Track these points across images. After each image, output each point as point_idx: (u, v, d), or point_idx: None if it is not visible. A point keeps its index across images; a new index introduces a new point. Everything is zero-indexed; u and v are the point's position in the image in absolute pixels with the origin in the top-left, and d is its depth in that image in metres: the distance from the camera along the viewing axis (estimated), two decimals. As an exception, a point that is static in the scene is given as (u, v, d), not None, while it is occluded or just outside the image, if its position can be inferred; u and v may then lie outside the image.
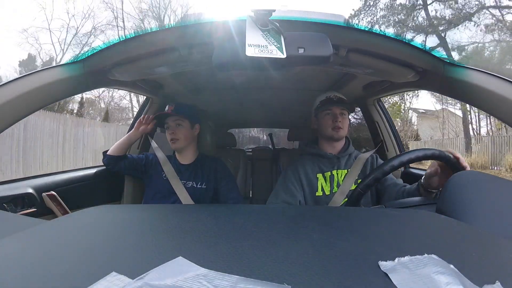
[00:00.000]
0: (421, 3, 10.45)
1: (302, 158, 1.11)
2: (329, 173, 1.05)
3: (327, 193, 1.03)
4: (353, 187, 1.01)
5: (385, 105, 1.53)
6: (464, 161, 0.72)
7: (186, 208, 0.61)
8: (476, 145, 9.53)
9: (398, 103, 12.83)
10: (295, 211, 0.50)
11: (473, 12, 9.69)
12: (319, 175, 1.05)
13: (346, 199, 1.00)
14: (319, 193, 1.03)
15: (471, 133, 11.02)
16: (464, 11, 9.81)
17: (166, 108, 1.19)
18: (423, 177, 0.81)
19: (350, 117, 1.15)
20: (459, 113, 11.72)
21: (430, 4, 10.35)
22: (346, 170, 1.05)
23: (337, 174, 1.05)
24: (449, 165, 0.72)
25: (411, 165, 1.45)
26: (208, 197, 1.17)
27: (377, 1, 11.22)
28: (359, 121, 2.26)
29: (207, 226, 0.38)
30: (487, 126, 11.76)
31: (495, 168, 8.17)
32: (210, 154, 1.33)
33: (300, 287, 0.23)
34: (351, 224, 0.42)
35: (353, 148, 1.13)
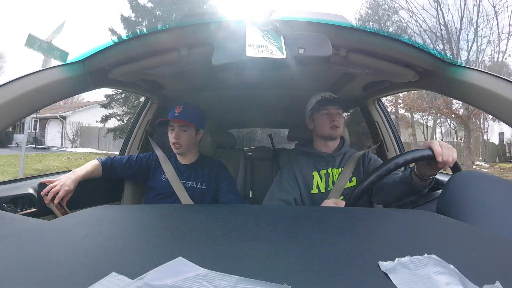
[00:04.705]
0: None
1: (297, 157, 1.14)
2: (324, 171, 1.07)
3: (323, 190, 1.04)
4: (348, 185, 1.03)
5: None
6: (442, 154, 0.66)
7: (186, 208, 0.61)
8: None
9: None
10: (295, 211, 0.50)
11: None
12: (315, 173, 1.06)
13: (342, 197, 1.02)
14: (314, 190, 1.04)
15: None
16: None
17: (174, 109, 1.14)
18: (415, 165, 0.79)
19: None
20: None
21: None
22: (340, 169, 1.07)
23: (332, 172, 1.07)
24: (430, 160, 0.71)
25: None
26: (208, 198, 1.16)
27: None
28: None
29: (207, 226, 0.38)
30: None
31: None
32: (210, 154, 1.32)
33: (300, 287, 0.23)
34: (351, 224, 0.42)
35: (348, 147, 1.15)
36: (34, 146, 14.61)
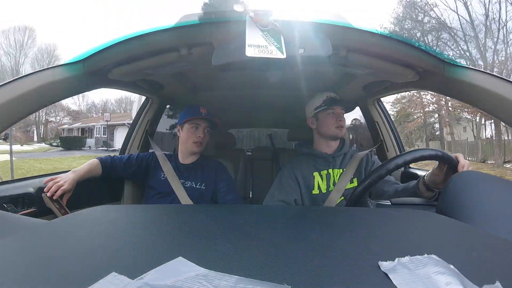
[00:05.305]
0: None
1: (298, 158, 1.14)
2: (325, 171, 1.07)
3: (324, 191, 1.04)
4: (349, 185, 1.03)
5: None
6: (465, 165, 0.71)
7: (186, 209, 0.61)
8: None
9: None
10: (294, 211, 0.50)
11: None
12: (315, 174, 1.06)
13: (343, 197, 1.02)
14: (315, 191, 1.04)
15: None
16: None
17: (199, 109, 1.17)
18: (427, 174, 0.81)
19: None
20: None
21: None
22: (341, 170, 1.07)
23: (333, 173, 1.07)
24: (451, 167, 0.72)
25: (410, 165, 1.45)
26: (207, 198, 1.16)
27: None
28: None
29: (207, 226, 0.38)
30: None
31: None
32: (210, 154, 1.33)
33: (300, 287, 0.23)
34: (351, 224, 0.42)
35: (348, 147, 1.15)
36: (105, 149, 16.66)
